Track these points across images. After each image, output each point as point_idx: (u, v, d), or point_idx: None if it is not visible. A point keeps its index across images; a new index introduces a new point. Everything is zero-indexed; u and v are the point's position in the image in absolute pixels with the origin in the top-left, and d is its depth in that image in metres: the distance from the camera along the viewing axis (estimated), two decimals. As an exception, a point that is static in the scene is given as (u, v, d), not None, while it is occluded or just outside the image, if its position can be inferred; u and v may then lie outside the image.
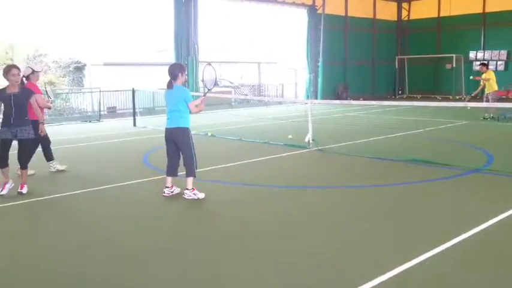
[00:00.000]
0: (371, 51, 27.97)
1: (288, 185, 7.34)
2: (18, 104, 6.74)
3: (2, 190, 6.74)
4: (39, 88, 8.12)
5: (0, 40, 24.60)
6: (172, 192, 6.72)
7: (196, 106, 6.53)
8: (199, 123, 15.98)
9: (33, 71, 8.00)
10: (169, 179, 6.74)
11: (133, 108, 16.00)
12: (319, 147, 10.28)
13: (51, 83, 21.83)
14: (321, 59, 24.78)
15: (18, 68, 6.85)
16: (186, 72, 6.35)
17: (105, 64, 22.94)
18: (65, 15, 25.76)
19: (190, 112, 6.54)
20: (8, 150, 6.88)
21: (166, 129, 6.62)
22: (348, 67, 26.67)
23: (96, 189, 7.19)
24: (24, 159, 6.93)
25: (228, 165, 8.83)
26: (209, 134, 12.97)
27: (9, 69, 6.71)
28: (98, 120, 17.47)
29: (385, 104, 12.41)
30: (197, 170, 6.65)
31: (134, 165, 9.01)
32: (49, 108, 8.83)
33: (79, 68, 24.08)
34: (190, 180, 6.59)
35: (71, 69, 23.94)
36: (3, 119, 6.74)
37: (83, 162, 9.35)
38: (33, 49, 23.93)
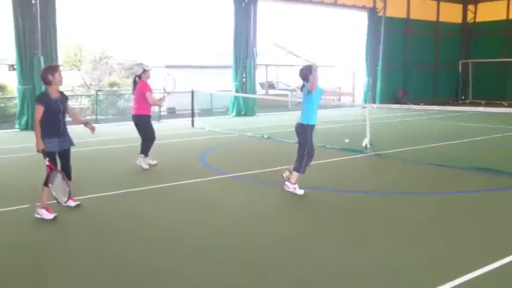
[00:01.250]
0: (433, 55, 27.13)
1: (345, 190, 7.27)
2: (64, 110, 6.06)
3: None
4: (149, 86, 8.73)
5: (69, 42, 25.84)
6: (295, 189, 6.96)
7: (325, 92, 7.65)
8: (256, 125, 16.13)
9: (144, 70, 8.68)
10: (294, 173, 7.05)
11: (192, 109, 16.35)
12: (377, 152, 10.10)
13: (115, 84, 22.74)
14: (380, 63, 24.33)
15: None
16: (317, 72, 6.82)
17: (166, 66, 23.59)
18: (129, 19, 26.72)
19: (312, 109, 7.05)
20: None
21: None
22: (408, 71, 26.01)
23: (154, 187, 7.42)
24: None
25: (282, 167, 8.83)
26: (266, 136, 13.04)
27: (57, 68, 6.01)
28: (158, 121, 17.96)
29: (447, 110, 11.98)
30: (253, 172, 6.71)
31: (193, 165, 9.20)
32: (158, 105, 9.67)
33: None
34: (295, 174, 6.94)
35: (134, 71, 24.78)
36: (52, 128, 5.89)
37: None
38: (99, 51, 24.99)
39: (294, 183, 6.91)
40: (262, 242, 5.06)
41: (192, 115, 16.17)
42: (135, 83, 8.81)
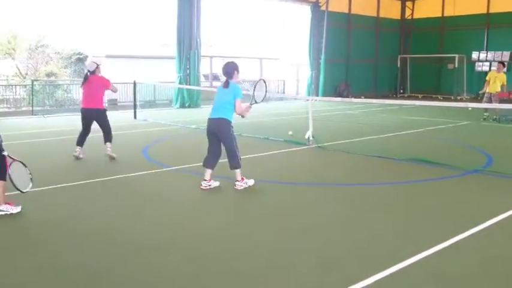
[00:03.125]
0: (374, 50, 27.92)
1: (288, 181, 7.35)
2: None
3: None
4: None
5: (2, 30, 24.55)
6: (209, 186, 6.73)
7: (243, 109, 6.70)
8: (200, 117, 16.00)
9: (97, 65, 8.82)
10: (208, 172, 6.76)
11: (134, 101, 15.99)
12: (319, 145, 10.28)
13: (52, 74, 21.85)
14: (323, 56, 24.76)
15: None
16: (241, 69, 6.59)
17: (107, 56, 22.90)
18: (67, 6, 25.71)
19: (235, 110, 6.67)
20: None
21: (209, 119, 6.71)
22: (350, 65, 26.63)
23: (97, 180, 7.20)
24: None
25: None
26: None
27: None
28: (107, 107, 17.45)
29: (386, 103, 12.39)
30: (194, 165, 6.66)
31: (134, 158, 9.01)
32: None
33: (81, 60, 24.01)
34: (237, 172, 6.75)
35: (72, 60, 23.88)
36: None
37: (84, 154, 9.35)
38: (35, 39, 23.88)
39: (242, 179, 6.80)
40: (199, 235, 5.02)
41: (135, 107, 15.81)
42: (86, 77, 8.84)
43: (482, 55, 25.93)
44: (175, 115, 16.67)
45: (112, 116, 16.29)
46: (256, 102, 7.01)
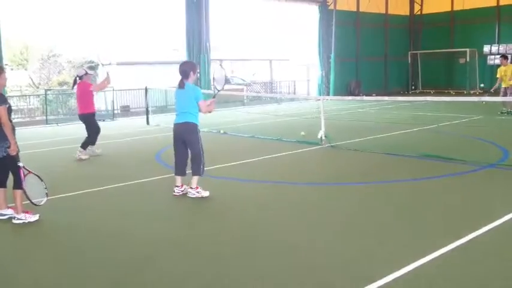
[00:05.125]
0: (383, 47, 27.80)
1: (302, 182, 7.35)
2: None
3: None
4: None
5: (15, 41, 24.86)
6: (183, 191, 6.66)
7: (208, 106, 6.50)
8: (211, 120, 16.06)
9: (87, 73, 9.58)
10: (178, 178, 6.67)
11: (147, 106, 16.11)
12: (332, 144, 10.26)
13: (64, 83, 22.08)
14: (332, 55, 24.71)
15: None
16: (198, 71, 6.43)
17: (118, 63, 23.09)
18: (78, 15, 25.96)
19: (201, 111, 6.51)
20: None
21: (175, 124, 6.57)
22: (360, 63, 26.55)
23: (112, 186, 7.27)
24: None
25: (241, 162, 8.86)
26: (221, 131, 13.01)
27: (2, 70, 5.78)
28: (112, 119, 17.61)
29: (398, 100, 12.34)
30: (206, 168, 6.66)
31: (147, 163, 9.07)
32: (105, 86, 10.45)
33: (92, 68, 24.24)
34: (195, 178, 6.52)
35: (84, 69, 24.12)
36: (13, 129, 5.66)
37: (99, 160, 9.45)
38: (47, 49, 24.17)
39: (197, 187, 6.54)
40: (216, 236, 5.05)
41: (147, 112, 15.93)
42: (75, 82, 9.59)
43: (494, 48, 25.67)
44: (187, 119, 16.73)
45: (125, 122, 16.55)
46: (218, 91, 6.80)
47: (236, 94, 21.43)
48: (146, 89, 16.25)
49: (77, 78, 9.51)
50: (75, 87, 9.58)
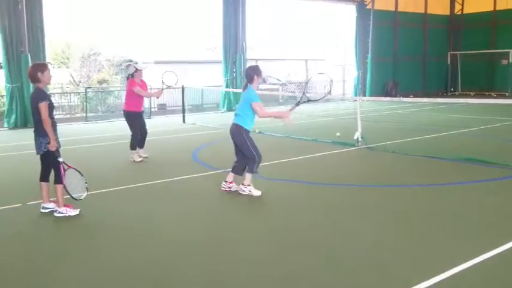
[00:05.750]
0: (422, 47, 27.26)
1: (339, 183, 7.29)
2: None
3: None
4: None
5: (57, 39, 25.57)
6: (229, 188, 6.78)
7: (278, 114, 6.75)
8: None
9: (136, 69, 9.20)
10: (231, 175, 6.83)
11: (183, 105, 16.29)
12: (368, 145, 10.14)
13: (104, 81, 22.58)
14: (369, 56, 24.40)
15: None
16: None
17: (156, 62, 23.46)
18: (117, 15, 26.46)
19: (257, 115, 6.54)
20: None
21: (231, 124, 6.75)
22: (397, 63, 26.11)
23: (150, 183, 7.39)
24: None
25: (276, 162, 8.86)
26: (257, 131, 13.02)
27: (46, 66, 5.89)
28: (149, 117, 17.89)
29: (437, 102, 12.05)
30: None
31: (184, 161, 9.17)
32: (154, 96, 10.05)
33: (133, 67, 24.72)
34: (247, 176, 6.66)
35: (123, 67, 24.63)
36: (54, 126, 5.78)
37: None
38: (88, 48, 24.77)
39: (249, 185, 6.65)
40: (255, 234, 5.06)
41: (183, 111, 16.11)
42: (127, 81, 9.40)
43: (539, 49, 24.80)
44: (223, 118, 16.85)
45: (161, 120, 16.78)
46: (299, 103, 7.04)
47: (271, 94, 21.45)
48: (183, 88, 16.43)
49: (129, 77, 9.28)
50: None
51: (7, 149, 10.95)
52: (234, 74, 20.23)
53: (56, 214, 5.80)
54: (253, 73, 6.59)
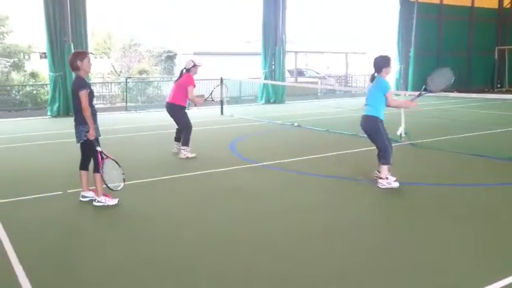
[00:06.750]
0: (468, 41, 26.31)
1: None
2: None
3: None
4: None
5: (99, 29, 25.97)
6: (390, 184, 6.49)
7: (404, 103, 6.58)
8: (284, 113, 15.94)
9: (194, 65, 8.73)
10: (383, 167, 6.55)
11: (221, 97, 16.19)
12: (412, 142, 9.79)
13: (144, 71, 22.81)
14: (412, 49, 23.74)
15: None
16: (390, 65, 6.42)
17: (195, 53, 23.52)
18: (158, 5, 26.65)
19: (388, 105, 6.46)
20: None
21: (362, 116, 6.65)
22: (441, 58, 25.25)
23: (187, 175, 7.34)
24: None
25: (316, 156, 8.65)
26: (295, 124, 12.85)
27: (86, 54, 5.86)
28: (187, 108, 17.93)
29: (483, 97, 11.55)
30: (281, 161, 6.53)
31: (222, 153, 9.09)
32: (195, 103, 9.12)
33: (170, 57, 24.89)
34: (383, 168, 6.48)
35: (162, 58, 24.83)
36: (94, 115, 5.77)
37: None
38: (128, 39, 25.07)
39: (387, 178, 6.53)
40: (294, 234, 4.90)
41: (222, 103, 16.05)
42: (181, 74, 8.92)
43: None
44: (261, 111, 16.74)
45: (199, 112, 16.77)
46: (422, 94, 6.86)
47: (310, 87, 21.18)
48: (221, 80, 16.35)
49: (184, 70, 8.80)
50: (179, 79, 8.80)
51: (50, 137, 11.14)
52: (273, 67, 20.04)
53: (95, 203, 5.80)
54: (382, 63, 6.47)
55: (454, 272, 3.97)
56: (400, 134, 9.93)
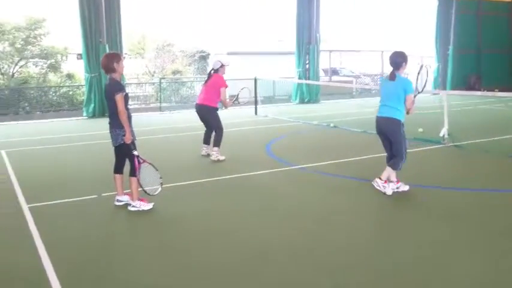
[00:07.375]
0: (508, 38, 25.31)
1: (428, 185, 6.66)
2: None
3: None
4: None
5: (133, 30, 26.19)
6: (398, 188, 6.18)
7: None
8: (320, 113, 15.63)
9: (222, 65, 8.64)
10: (388, 171, 6.15)
11: (255, 97, 16.04)
12: (456, 143, 9.36)
13: (177, 72, 22.85)
14: (451, 47, 23.01)
15: None
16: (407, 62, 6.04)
17: (228, 53, 23.44)
18: (191, 6, 26.69)
19: (407, 105, 6.01)
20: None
21: (377, 117, 6.22)
22: (481, 55, 24.41)
23: (222, 178, 7.17)
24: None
25: (354, 159, 8.35)
26: (331, 124, 12.54)
27: (120, 56, 5.78)
28: (221, 108, 17.83)
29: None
30: (317, 164, 6.27)
31: (258, 155, 8.89)
32: (225, 105, 8.94)
33: (203, 57, 24.88)
34: (387, 170, 6.08)
35: (196, 58, 24.83)
36: (129, 117, 5.65)
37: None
38: (162, 39, 25.18)
39: (398, 181, 6.18)
40: (335, 242, 4.65)
41: (256, 103, 15.86)
42: (209, 75, 8.78)
43: None
44: (295, 111, 16.46)
45: (233, 112, 16.60)
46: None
47: (345, 86, 20.79)
48: (255, 80, 16.19)
49: (212, 71, 8.70)
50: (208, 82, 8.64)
51: (85, 138, 11.18)
52: (307, 66, 19.74)
53: (129, 208, 5.68)
54: (401, 60, 6.06)
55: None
56: (443, 136, 9.51)
